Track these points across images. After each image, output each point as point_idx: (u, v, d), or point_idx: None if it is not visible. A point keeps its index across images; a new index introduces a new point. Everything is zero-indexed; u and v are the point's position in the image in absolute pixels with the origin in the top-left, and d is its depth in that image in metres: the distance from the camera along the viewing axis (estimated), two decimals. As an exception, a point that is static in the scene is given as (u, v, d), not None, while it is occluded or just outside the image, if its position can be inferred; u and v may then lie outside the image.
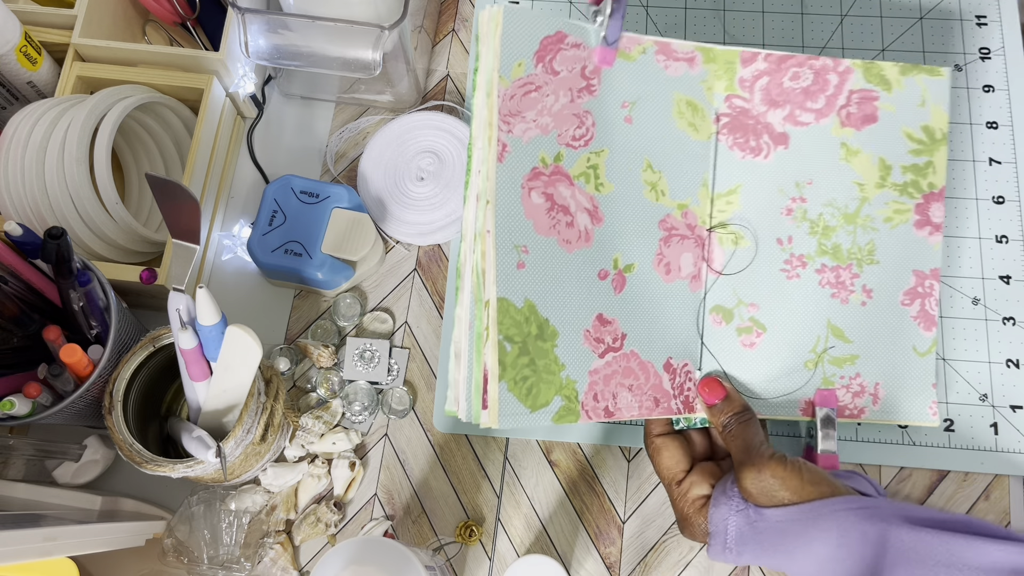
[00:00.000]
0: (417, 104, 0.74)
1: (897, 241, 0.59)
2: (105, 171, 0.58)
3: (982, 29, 0.74)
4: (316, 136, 0.73)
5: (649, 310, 0.56)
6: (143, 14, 0.74)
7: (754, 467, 0.50)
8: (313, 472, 0.62)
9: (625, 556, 0.61)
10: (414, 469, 0.63)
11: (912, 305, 0.59)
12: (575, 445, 0.64)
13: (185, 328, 0.50)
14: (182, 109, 0.69)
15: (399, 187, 0.68)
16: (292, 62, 0.65)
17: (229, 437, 0.52)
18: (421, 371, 0.66)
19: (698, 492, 0.53)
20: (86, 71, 0.65)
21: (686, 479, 0.54)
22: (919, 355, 0.59)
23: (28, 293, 0.53)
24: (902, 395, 0.59)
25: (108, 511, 0.57)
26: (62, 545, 0.47)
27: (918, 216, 0.59)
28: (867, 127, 0.59)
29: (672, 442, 0.55)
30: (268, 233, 0.63)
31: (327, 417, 0.63)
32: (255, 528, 0.60)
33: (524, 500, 0.62)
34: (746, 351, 0.58)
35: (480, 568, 0.61)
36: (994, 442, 0.62)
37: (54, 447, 0.60)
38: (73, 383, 0.53)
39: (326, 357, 0.65)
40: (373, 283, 0.69)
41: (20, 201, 0.58)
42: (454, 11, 0.77)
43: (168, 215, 0.50)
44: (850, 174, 0.59)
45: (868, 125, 0.59)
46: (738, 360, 0.58)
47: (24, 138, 0.58)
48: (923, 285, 0.59)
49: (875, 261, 0.59)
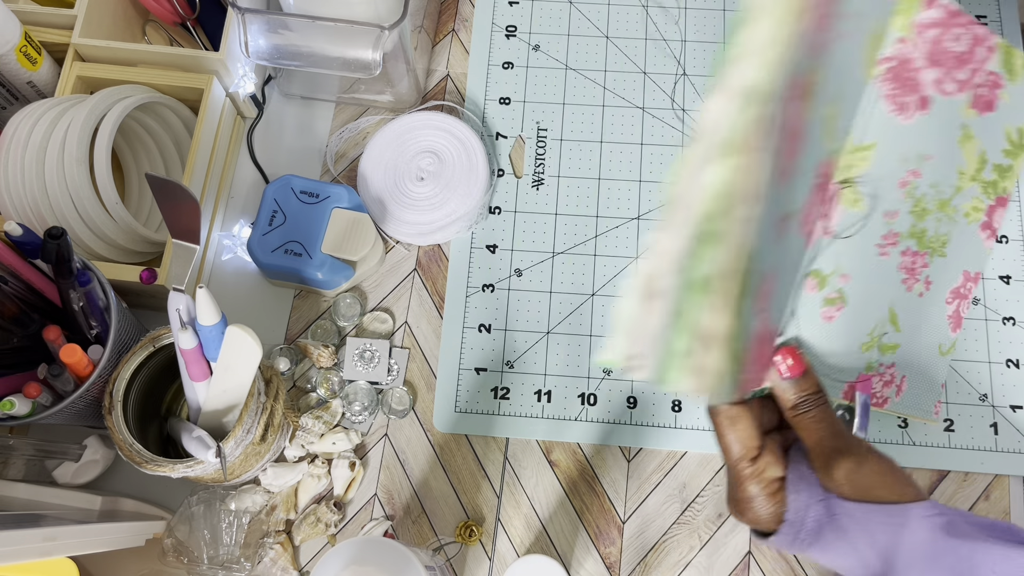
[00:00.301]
0: (417, 104, 0.74)
1: (966, 238, 0.57)
2: (105, 171, 0.58)
3: (982, 29, 0.74)
4: (316, 136, 0.73)
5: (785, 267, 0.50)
6: (143, 14, 0.73)
7: (853, 458, 0.46)
8: (313, 472, 0.62)
9: (625, 556, 0.61)
10: (414, 469, 0.63)
11: (952, 304, 0.58)
12: (575, 445, 0.64)
13: (185, 328, 0.50)
14: (182, 109, 0.69)
15: (399, 187, 0.68)
16: (292, 62, 0.65)
17: (229, 437, 0.52)
18: (421, 371, 0.66)
19: (774, 473, 0.47)
20: (86, 71, 0.65)
21: (761, 457, 0.47)
22: (941, 354, 0.58)
23: (28, 293, 0.53)
24: (919, 391, 0.58)
25: (108, 511, 0.57)
26: (62, 545, 0.47)
27: (986, 217, 0.57)
28: (986, 114, 0.55)
29: (748, 413, 0.48)
30: (268, 233, 0.63)
31: (327, 417, 0.63)
32: (255, 528, 0.60)
33: (524, 500, 0.62)
34: (824, 324, 0.53)
35: (480, 568, 0.61)
36: (994, 442, 0.62)
37: (54, 447, 0.60)
38: (73, 383, 0.53)
39: (326, 357, 0.65)
40: (373, 283, 0.69)
41: (20, 201, 0.58)
42: (454, 11, 0.77)
43: (168, 215, 0.50)
44: (959, 159, 0.55)
45: (987, 112, 0.55)
46: (815, 331, 0.53)
47: (24, 138, 0.58)
48: (965, 287, 0.58)
49: (944, 254, 0.56)
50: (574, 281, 0.68)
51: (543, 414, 0.64)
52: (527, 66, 0.75)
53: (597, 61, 0.75)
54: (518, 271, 0.68)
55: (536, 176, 0.71)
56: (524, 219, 0.70)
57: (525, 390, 0.65)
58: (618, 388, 0.65)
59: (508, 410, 0.65)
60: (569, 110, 0.73)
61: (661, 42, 0.75)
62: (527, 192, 0.71)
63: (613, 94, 0.74)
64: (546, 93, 0.74)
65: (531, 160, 0.72)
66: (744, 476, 0.48)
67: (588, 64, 0.75)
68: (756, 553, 0.61)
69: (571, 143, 0.72)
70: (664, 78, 0.74)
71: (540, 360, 0.66)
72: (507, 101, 0.74)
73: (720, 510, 0.62)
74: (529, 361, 0.66)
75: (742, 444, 0.47)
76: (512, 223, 0.70)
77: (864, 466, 0.46)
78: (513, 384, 0.65)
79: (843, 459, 0.46)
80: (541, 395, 0.65)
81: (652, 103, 0.73)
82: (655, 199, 0.70)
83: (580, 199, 0.70)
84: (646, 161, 0.71)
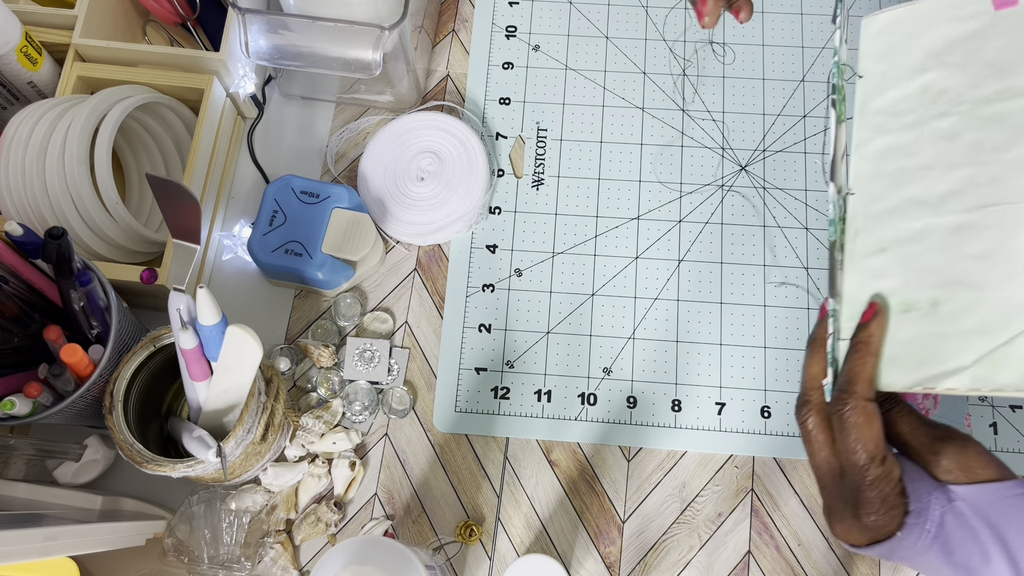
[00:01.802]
0: (417, 104, 0.74)
1: None
2: (106, 171, 0.59)
3: (982, 29, 0.74)
4: (316, 136, 0.73)
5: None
6: (143, 14, 0.74)
7: (955, 442, 0.44)
8: (313, 472, 0.62)
9: (625, 556, 0.61)
10: (414, 469, 0.63)
11: None
12: (575, 445, 0.64)
13: (186, 328, 0.50)
14: (182, 109, 0.69)
15: (399, 187, 0.68)
16: (292, 62, 0.65)
17: (229, 437, 0.52)
18: (421, 371, 0.66)
19: (898, 472, 0.43)
20: (86, 71, 0.65)
21: (888, 455, 0.43)
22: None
23: (29, 293, 0.53)
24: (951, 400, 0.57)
25: (108, 511, 0.57)
26: (63, 545, 0.47)
27: None
28: None
29: (878, 410, 0.44)
30: (268, 233, 0.63)
31: (327, 417, 0.63)
32: (255, 528, 0.60)
33: (524, 500, 0.62)
34: None
35: (480, 568, 0.61)
36: (994, 442, 0.62)
37: (55, 447, 0.60)
38: (74, 383, 0.53)
39: (326, 357, 0.65)
40: (373, 283, 0.69)
41: (21, 201, 0.59)
42: (454, 11, 0.77)
43: (168, 215, 0.50)
44: None
45: None
46: None
47: (25, 138, 0.58)
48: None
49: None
50: (574, 281, 0.68)
51: (543, 414, 0.64)
52: (527, 66, 0.75)
53: (597, 61, 0.75)
54: (518, 271, 0.69)
55: (536, 176, 0.71)
56: (524, 219, 0.70)
57: (525, 390, 0.65)
58: (618, 388, 0.65)
59: (508, 410, 0.65)
60: (569, 110, 0.73)
61: (661, 42, 0.75)
62: (527, 192, 0.71)
63: (613, 94, 0.74)
64: (546, 93, 0.74)
65: (531, 160, 0.72)
66: (875, 478, 0.43)
67: (588, 64, 0.75)
68: (756, 552, 0.61)
69: (571, 143, 0.72)
70: (664, 78, 0.74)
71: (540, 360, 0.66)
72: (507, 101, 0.74)
73: (720, 509, 0.62)
74: (529, 361, 0.66)
75: (876, 443, 0.43)
76: (512, 223, 0.70)
77: (967, 448, 0.44)
78: (513, 384, 0.65)
79: (946, 445, 0.44)
80: (541, 395, 0.65)
81: (652, 103, 0.73)
82: (655, 199, 0.70)
83: (580, 199, 0.70)
84: (646, 161, 0.71)
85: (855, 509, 0.44)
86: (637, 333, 0.67)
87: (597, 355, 0.66)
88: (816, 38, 0.75)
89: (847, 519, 0.44)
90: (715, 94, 0.73)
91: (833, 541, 0.61)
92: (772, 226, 0.69)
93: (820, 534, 0.61)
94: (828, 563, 0.60)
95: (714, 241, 0.69)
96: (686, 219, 0.70)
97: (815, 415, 0.45)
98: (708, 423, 0.64)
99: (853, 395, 0.44)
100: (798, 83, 0.73)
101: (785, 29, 0.75)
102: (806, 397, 0.45)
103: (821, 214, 0.69)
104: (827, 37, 0.74)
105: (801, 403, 0.45)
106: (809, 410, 0.45)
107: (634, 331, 0.67)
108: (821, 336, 0.45)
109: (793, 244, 0.68)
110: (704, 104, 0.73)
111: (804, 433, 0.45)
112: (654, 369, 0.65)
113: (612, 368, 0.66)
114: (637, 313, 0.67)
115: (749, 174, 0.71)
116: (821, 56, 0.74)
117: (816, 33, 0.75)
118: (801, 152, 0.71)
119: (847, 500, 0.44)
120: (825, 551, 0.61)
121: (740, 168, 0.71)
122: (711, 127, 0.72)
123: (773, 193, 0.70)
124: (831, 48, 0.74)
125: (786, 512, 0.62)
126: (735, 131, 0.72)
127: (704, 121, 0.73)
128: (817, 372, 0.45)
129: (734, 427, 0.64)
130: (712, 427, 0.64)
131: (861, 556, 0.60)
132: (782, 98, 0.73)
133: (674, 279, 0.68)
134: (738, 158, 0.71)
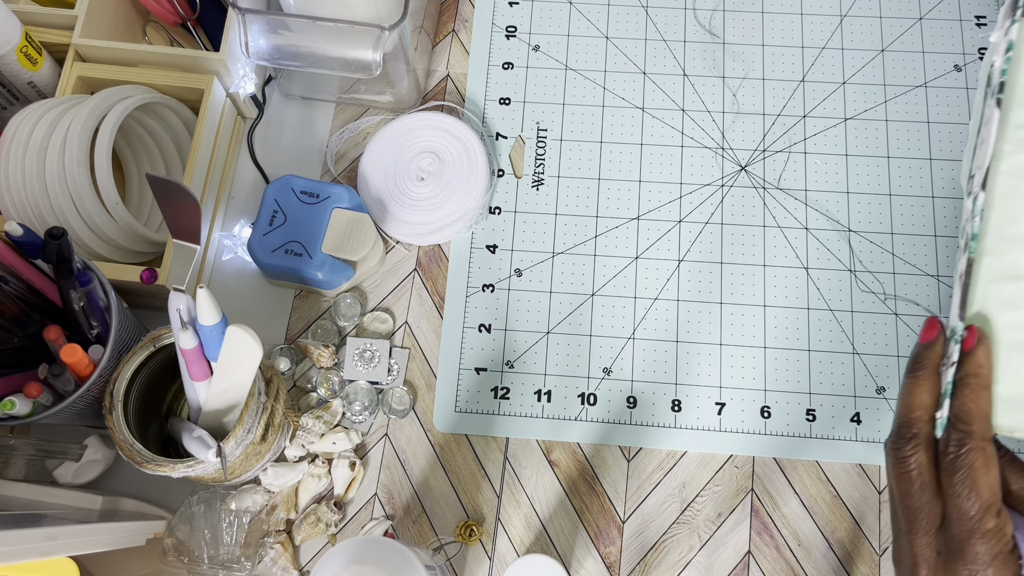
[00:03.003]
0: (417, 104, 0.74)
1: None
2: (106, 171, 0.59)
3: (982, 29, 0.74)
4: (316, 136, 0.73)
5: None
6: (143, 14, 0.74)
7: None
8: (313, 472, 0.62)
9: (625, 556, 0.61)
10: (414, 469, 0.63)
11: None
12: (575, 445, 0.64)
13: (185, 328, 0.50)
14: (182, 109, 0.69)
15: (399, 187, 0.68)
16: (292, 62, 0.65)
17: (229, 437, 0.52)
18: (421, 371, 0.66)
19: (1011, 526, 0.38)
20: (86, 71, 0.65)
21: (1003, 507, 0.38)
22: None
23: (29, 293, 0.53)
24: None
25: (108, 511, 0.57)
26: (62, 545, 0.47)
27: None
28: None
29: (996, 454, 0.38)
30: (268, 233, 0.63)
31: (327, 417, 0.63)
32: (255, 528, 0.60)
33: (524, 500, 0.62)
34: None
35: (480, 568, 0.61)
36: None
37: (55, 447, 0.60)
38: (74, 383, 0.53)
39: (326, 357, 0.65)
40: (373, 283, 0.69)
41: (21, 201, 0.59)
42: (454, 11, 0.77)
43: (168, 215, 0.50)
44: None
45: None
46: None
47: (25, 138, 0.58)
48: None
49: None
50: (574, 281, 0.68)
51: (543, 414, 0.64)
52: (527, 66, 0.75)
53: (597, 61, 0.75)
54: (518, 271, 0.69)
55: (536, 176, 0.71)
56: (524, 219, 0.70)
57: (525, 390, 0.65)
58: (618, 388, 0.65)
59: (508, 410, 0.65)
60: (569, 110, 0.73)
61: (661, 42, 0.75)
62: (527, 192, 0.71)
63: (613, 94, 0.74)
64: (546, 93, 0.74)
65: (531, 160, 0.72)
66: (986, 530, 0.38)
67: (588, 64, 0.75)
68: (756, 553, 0.61)
69: (571, 143, 0.72)
70: (664, 78, 0.74)
71: (540, 360, 0.66)
72: (507, 101, 0.74)
73: (720, 509, 0.62)
74: (529, 361, 0.66)
75: (992, 491, 0.38)
76: (512, 223, 0.70)
77: None
78: (513, 384, 0.65)
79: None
80: (541, 395, 0.65)
81: (652, 103, 0.73)
82: (655, 199, 0.70)
83: (580, 199, 0.70)
84: (646, 161, 0.71)
85: (952, 563, 0.38)
86: (637, 333, 0.67)
87: (597, 355, 0.66)
88: (816, 38, 0.75)
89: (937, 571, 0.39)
90: (715, 94, 0.73)
91: (833, 541, 0.61)
92: (772, 226, 0.69)
93: (820, 534, 0.61)
94: (828, 563, 0.60)
95: (714, 241, 0.69)
96: (686, 219, 0.70)
97: (923, 451, 0.39)
98: (708, 423, 0.64)
99: (971, 435, 0.38)
100: (798, 83, 0.73)
101: (785, 29, 0.75)
102: (913, 430, 0.39)
103: (821, 214, 0.69)
104: (827, 37, 0.74)
105: (905, 436, 0.40)
106: (917, 445, 0.39)
107: (634, 331, 0.67)
108: (933, 361, 0.40)
109: (793, 244, 0.68)
110: (704, 104, 0.73)
111: (903, 470, 0.39)
112: (654, 369, 0.65)
113: (612, 368, 0.66)
114: (637, 313, 0.67)
115: (749, 174, 0.71)
116: (821, 56, 0.74)
117: (816, 33, 0.75)
118: (801, 152, 0.71)
119: (941, 551, 0.39)
120: (825, 551, 0.61)
121: (740, 168, 0.71)
122: (711, 127, 0.72)
123: (773, 193, 0.70)
124: (832, 48, 0.74)
125: (786, 512, 0.62)
126: (735, 131, 0.72)
127: (704, 121, 0.73)
128: (927, 402, 0.40)
129: (734, 427, 0.64)
130: (712, 427, 0.64)
131: (861, 556, 0.60)
132: (782, 98, 0.73)
133: (674, 279, 0.68)
134: (738, 158, 0.71)
